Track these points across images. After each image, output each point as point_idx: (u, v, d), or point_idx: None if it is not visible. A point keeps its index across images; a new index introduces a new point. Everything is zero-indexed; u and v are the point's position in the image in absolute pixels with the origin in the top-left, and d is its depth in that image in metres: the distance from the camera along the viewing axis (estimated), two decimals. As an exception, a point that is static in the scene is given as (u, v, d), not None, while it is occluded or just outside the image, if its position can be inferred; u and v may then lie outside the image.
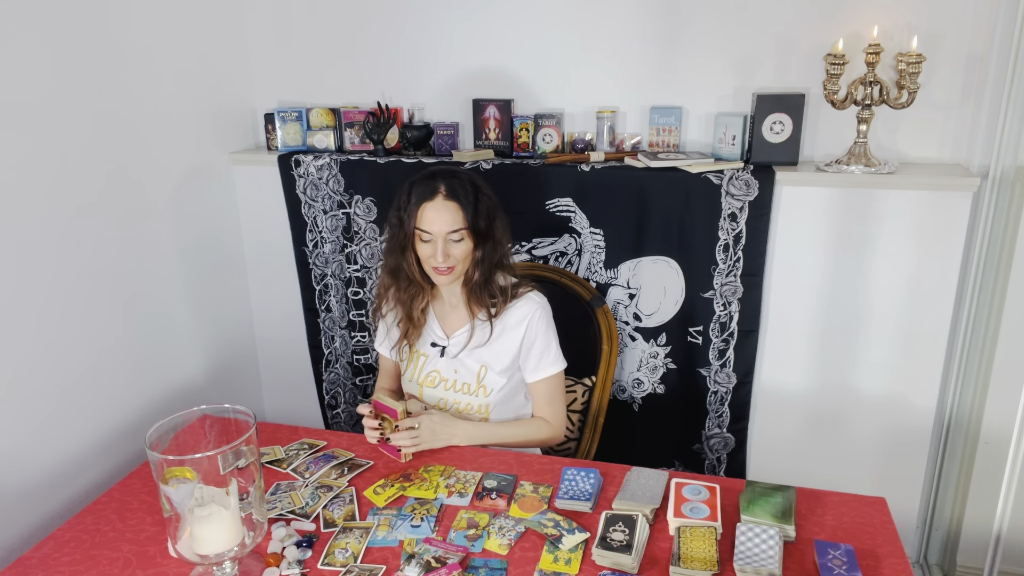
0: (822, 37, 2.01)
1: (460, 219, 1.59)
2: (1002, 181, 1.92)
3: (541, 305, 1.72)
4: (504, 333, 1.71)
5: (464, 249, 1.62)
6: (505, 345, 1.71)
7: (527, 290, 1.73)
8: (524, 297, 1.72)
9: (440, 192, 1.59)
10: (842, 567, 1.24)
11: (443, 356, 1.75)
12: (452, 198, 1.59)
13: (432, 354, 1.76)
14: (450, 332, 1.75)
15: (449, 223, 1.58)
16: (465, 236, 1.61)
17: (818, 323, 2.16)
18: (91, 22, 1.84)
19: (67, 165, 1.80)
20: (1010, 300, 1.95)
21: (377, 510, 1.46)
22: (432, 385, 1.76)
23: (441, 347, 1.75)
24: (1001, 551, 1.95)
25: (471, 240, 1.62)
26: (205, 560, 1.22)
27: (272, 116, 2.39)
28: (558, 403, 1.77)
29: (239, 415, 1.30)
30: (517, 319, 1.71)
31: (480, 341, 1.70)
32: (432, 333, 1.77)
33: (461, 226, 1.59)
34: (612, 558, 1.27)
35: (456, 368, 1.74)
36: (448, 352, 1.74)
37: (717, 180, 2.05)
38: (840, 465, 2.27)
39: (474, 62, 2.29)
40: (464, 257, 1.63)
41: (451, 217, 1.59)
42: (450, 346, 1.74)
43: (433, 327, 1.77)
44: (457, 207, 1.59)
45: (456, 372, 1.74)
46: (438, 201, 1.59)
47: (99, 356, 1.92)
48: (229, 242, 2.45)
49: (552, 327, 1.74)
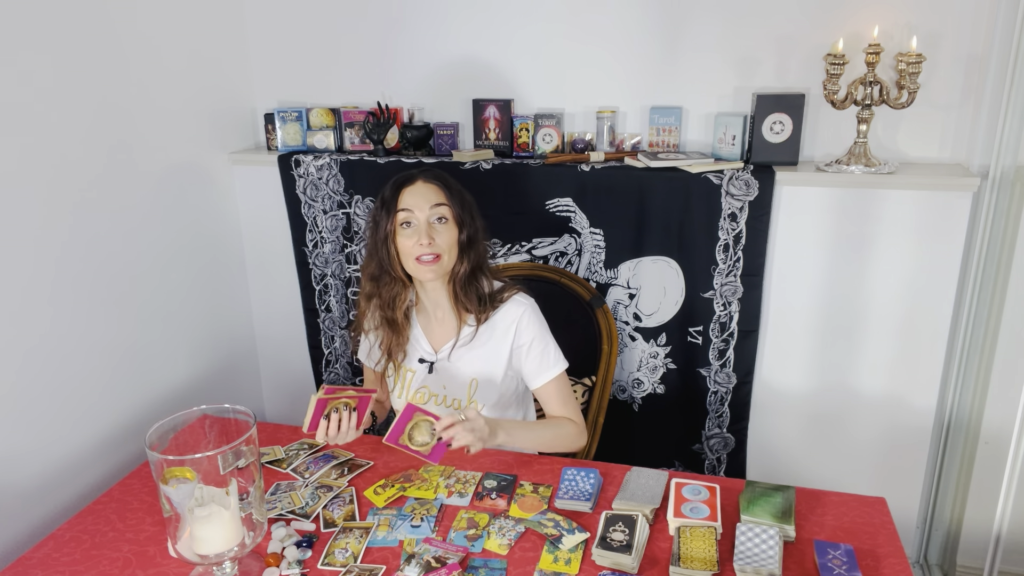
0: (822, 37, 2.01)
1: (442, 196, 1.58)
2: (1002, 181, 1.92)
3: (529, 306, 1.67)
4: (492, 339, 1.67)
5: (448, 236, 1.58)
6: (495, 351, 1.67)
7: (512, 293, 1.68)
8: (510, 301, 1.67)
9: (419, 178, 1.60)
10: (842, 567, 1.24)
11: (431, 372, 1.70)
12: (432, 180, 1.60)
13: (420, 370, 1.71)
14: (437, 346, 1.70)
15: (431, 199, 1.57)
16: (448, 217, 1.58)
17: (818, 323, 2.16)
18: (91, 22, 1.84)
19: (67, 164, 1.80)
20: (1010, 300, 1.95)
21: (377, 510, 1.46)
22: (422, 401, 1.71)
23: (429, 363, 1.70)
24: (1001, 551, 1.95)
25: (455, 225, 1.59)
26: (205, 560, 1.22)
27: (272, 116, 2.39)
28: (572, 402, 1.71)
29: (239, 415, 1.30)
30: (505, 324, 1.66)
31: (465, 342, 1.66)
32: (420, 349, 1.71)
33: (443, 201, 1.57)
34: (612, 558, 1.27)
35: (445, 384, 1.70)
36: (436, 366, 1.70)
37: (717, 180, 2.05)
38: (840, 465, 2.27)
39: (474, 62, 2.29)
40: (449, 246, 1.58)
41: (432, 194, 1.58)
42: (438, 360, 1.70)
43: (420, 343, 1.71)
44: (438, 187, 1.59)
45: (445, 388, 1.70)
46: (418, 184, 1.59)
47: (99, 356, 1.92)
48: (229, 242, 2.45)
49: (545, 326, 1.69)
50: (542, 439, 1.64)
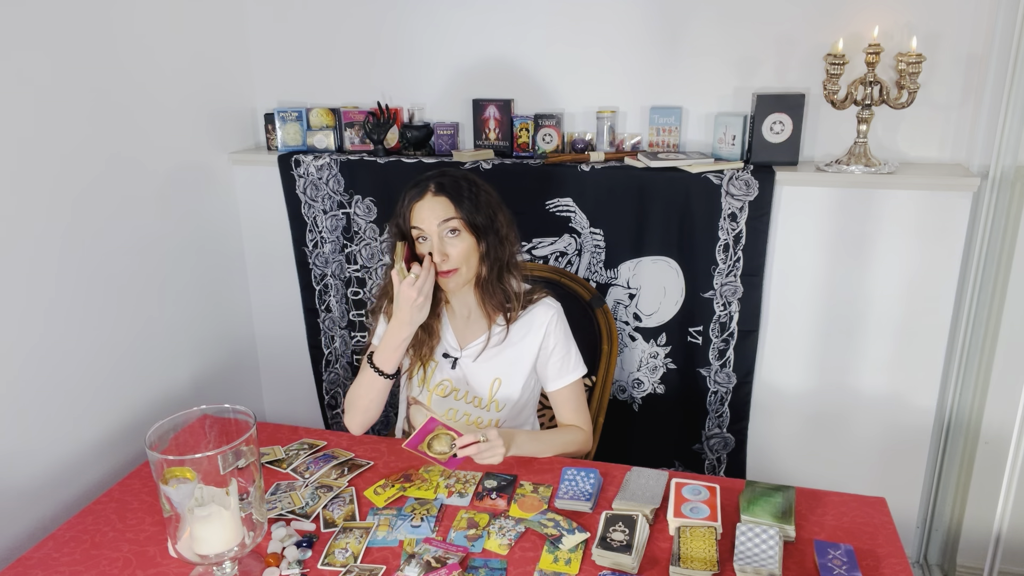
0: (822, 37, 2.01)
1: (452, 210, 1.53)
2: (1002, 181, 1.92)
3: (558, 311, 1.68)
4: (522, 340, 1.66)
5: (463, 247, 1.54)
6: (522, 353, 1.66)
7: (542, 295, 1.68)
8: (541, 303, 1.67)
9: (429, 190, 1.55)
10: (842, 567, 1.24)
11: (454, 368, 1.69)
12: (441, 193, 1.54)
13: (443, 363, 1.69)
14: (464, 343, 1.68)
15: (440, 215, 1.52)
16: (461, 229, 1.54)
17: (818, 323, 2.16)
18: (91, 22, 1.84)
19: (67, 164, 1.80)
20: (1010, 300, 1.95)
21: (377, 510, 1.46)
22: (443, 394, 1.70)
23: (453, 358, 1.69)
24: (1001, 551, 1.95)
25: (470, 234, 1.55)
26: (205, 560, 1.22)
27: (272, 116, 2.39)
28: (583, 409, 1.71)
29: (239, 415, 1.30)
30: (536, 325, 1.66)
31: (496, 343, 1.65)
32: (445, 343, 1.69)
33: (452, 215, 1.53)
34: (612, 558, 1.27)
35: (468, 380, 1.69)
36: (460, 364, 1.69)
37: (717, 180, 2.05)
38: (840, 465, 2.27)
39: (474, 62, 2.29)
40: (465, 257, 1.55)
41: (442, 210, 1.52)
42: (463, 357, 1.68)
43: (447, 337, 1.69)
44: (447, 200, 1.53)
45: (468, 384, 1.69)
46: (427, 198, 1.54)
47: (99, 356, 1.92)
48: (229, 242, 2.45)
49: (569, 332, 1.70)
50: (552, 448, 1.63)
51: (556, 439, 1.65)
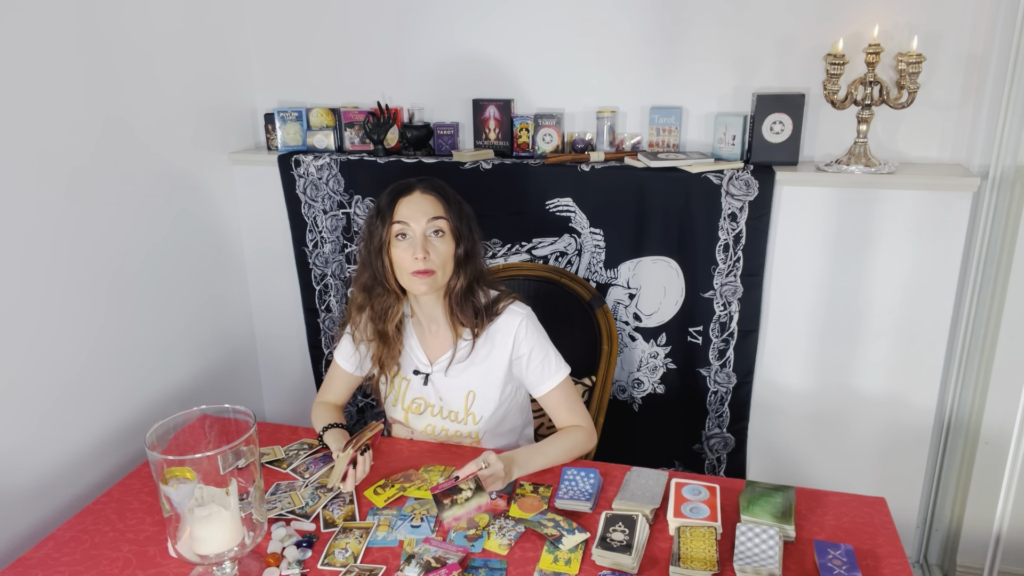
0: (822, 37, 2.01)
1: (441, 209, 1.52)
2: (1002, 181, 1.92)
3: (525, 316, 1.63)
4: (490, 353, 1.63)
5: (444, 250, 1.53)
6: (492, 364, 1.63)
7: (508, 302, 1.63)
8: (506, 311, 1.62)
9: (416, 188, 1.54)
10: (842, 567, 1.24)
11: (426, 384, 1.67)
12: (430, 192, 1.54)
13: (415, 380, 1.68)
14: (433, 358, 1.66)
15: (428, 212, 1.51)
16: (446, 231, 1.53)
17: (818, 323, 2.16)
18: (91, 22, 1.84)
19: (67, 165, 1.80)
20: (1010, 300, 1.95)
21: (377, 510, 1.46)
22: (418, 412, 1.69)
23: (424, 375, 1.67)
24: (1001, 551, 1.95)
25: (452, 239, 1.53)
26: (205, 560, 1.22)
27: (272, 116, 2.39)
28: (578, 407, 1.66)
29: (239, 415, 1.30)
30: (503, 336, 1.62)
31: (462, 357, 1.62)
32: (415, 360, 1.67)
33: (441, 215, 1.52)
34: (612, 558, 1.27)
35: (442, 395, 1.67)
36: (432, 379, 1.67)
37: (717, 180, 2.05)
38: (840, 465, 2.27)
39: (474, 62, 2.29)
40: (444, 261, 1.53)
41: (430, 207, 1.52)
42: (433, 372, 1.66)
43: (416, 353, 1.67)
44: (436, 199, 1.53)
45: (442, 399, 1.67)
46: (415, 195, 1.53)
47: (99, 356, 1.92)
48: (229, 242, 2.45)
49: (543, 334, 1.65)
50: (556, 457, 1.59)
51: (559, 446, 1.60)
